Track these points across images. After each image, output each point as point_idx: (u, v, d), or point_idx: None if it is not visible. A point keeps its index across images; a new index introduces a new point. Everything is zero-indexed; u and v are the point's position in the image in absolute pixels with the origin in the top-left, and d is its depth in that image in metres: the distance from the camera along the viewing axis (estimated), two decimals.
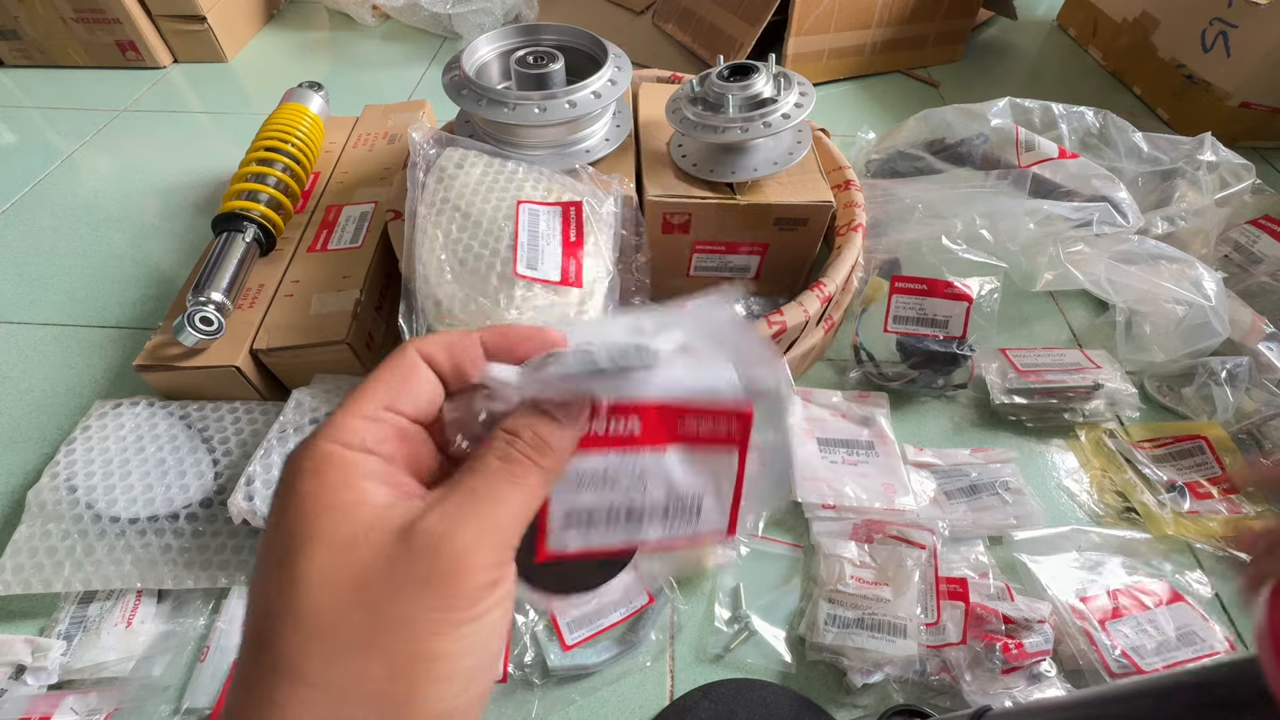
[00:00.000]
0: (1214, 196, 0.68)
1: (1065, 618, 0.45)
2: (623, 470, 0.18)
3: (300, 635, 0.14)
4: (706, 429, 0.19)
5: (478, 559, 0.15)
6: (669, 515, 0.19)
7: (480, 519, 0.15)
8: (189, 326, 0.49)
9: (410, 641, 0.14)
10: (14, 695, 0.40)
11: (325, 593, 0.14)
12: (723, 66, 0.55)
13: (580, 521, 0.18)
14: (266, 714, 0.14)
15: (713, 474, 0.19)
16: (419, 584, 0.14)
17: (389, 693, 0.14)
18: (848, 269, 0.55)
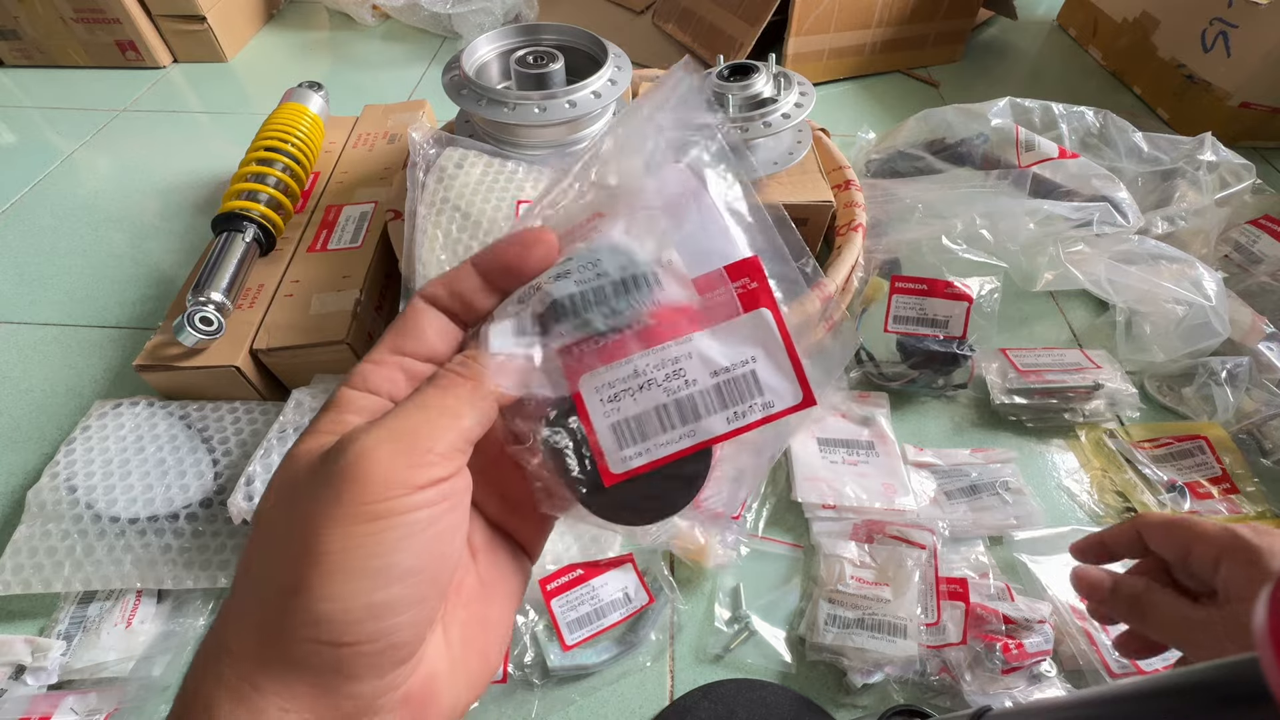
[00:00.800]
0: (1214, 196, 0.68)
1: (1065, 618, 0.45)
2: (652, 366, 0.17)
3: (252, 537, 0.16)
4: (719, 297, 0.18)
5: (380, 457, 0.15)
6: (725, 399, 0.18)
7: (393, 425, 0.16)
8: (189, 326, 0.49)
9: (309, 534, 0.15)
10: (14, 695, 0.40)
11: (271, 498, 0.16)
12: (723, 66, 0.55)
13: (632, 433, 0.18)
14: (222, 605, 0.17)
15: (753, 341, 0.18)
16: (322, 482, 0.15)
17: (282, 582, 0.15)
18: (848, 269, 0.55)
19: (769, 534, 0.51)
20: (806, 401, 0.18)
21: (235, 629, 0.15)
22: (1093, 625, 0.44)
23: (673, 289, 0.18)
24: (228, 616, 0.16)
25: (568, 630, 0.44)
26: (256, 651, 0.15)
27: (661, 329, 0.18)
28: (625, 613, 0.45)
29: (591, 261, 0.18)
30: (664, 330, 0.18)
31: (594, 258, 0.18)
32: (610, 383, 0.17)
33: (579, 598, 0.45)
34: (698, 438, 0.18)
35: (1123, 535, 0.31)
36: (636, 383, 0.17)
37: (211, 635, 0.16)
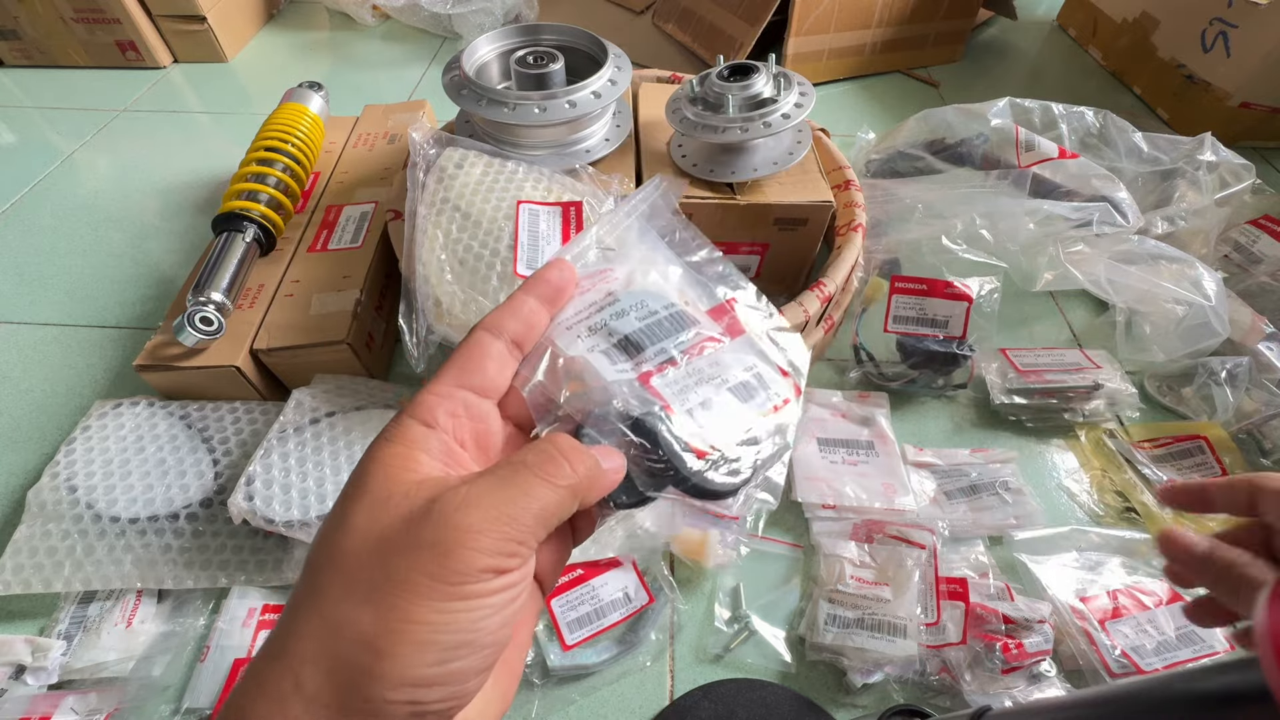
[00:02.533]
0: (1214, 196, 0.68)
1: (1065, 618, 0.45)
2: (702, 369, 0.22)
3: (329, 570, 0.16)
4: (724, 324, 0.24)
5: (482, 540, 0.16)
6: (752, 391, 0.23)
7: (497, 504, 0.16)
8: (189, 326, 0.49)
9: (401, 599, 0.15)
10: (14, 695, 0.40)
11: (355, 538, 0.16)
12: (723, 66, 0.55)
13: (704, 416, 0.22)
14: (286, 628, 0.16)
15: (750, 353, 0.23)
16: (421, 549, 0.16)
17: (372, 642, 0.15)
18: (848, 269, 0.55)
19: (769, 534, 0.51)
20: (797, 392, 0.24)
21: (311, 671, 0.15)
22: (1093, 625, 0.44)
23: (701, 318, 0.24)
24: (299, 650, 0.16)
25: (568, 630, 0.44)
26: (333, 700, 0.15)
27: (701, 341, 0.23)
28: (625, 613, 0.45)
29: (638, 303, 0.23)
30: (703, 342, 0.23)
31: (638, 299, 0.23)
32: (676, 380, 0.22)
33: (579, 598, 0.45)
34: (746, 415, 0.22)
35: (1232, 490, 0.28)
36: (694, 379, 0.22)
37: (273, 662, 0.16)
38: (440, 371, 0.19)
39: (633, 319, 0.22)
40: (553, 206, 0.50)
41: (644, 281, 0.24)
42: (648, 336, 0.22)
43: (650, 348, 0.22)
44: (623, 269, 0.24)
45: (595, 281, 0.23)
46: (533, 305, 0.21)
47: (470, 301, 0.46)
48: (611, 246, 0.25)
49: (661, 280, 0.24)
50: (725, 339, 0.23)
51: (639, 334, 0.22)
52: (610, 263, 0.24)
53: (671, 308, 0.23)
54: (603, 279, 0.24)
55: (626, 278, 0.24)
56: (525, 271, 0.46)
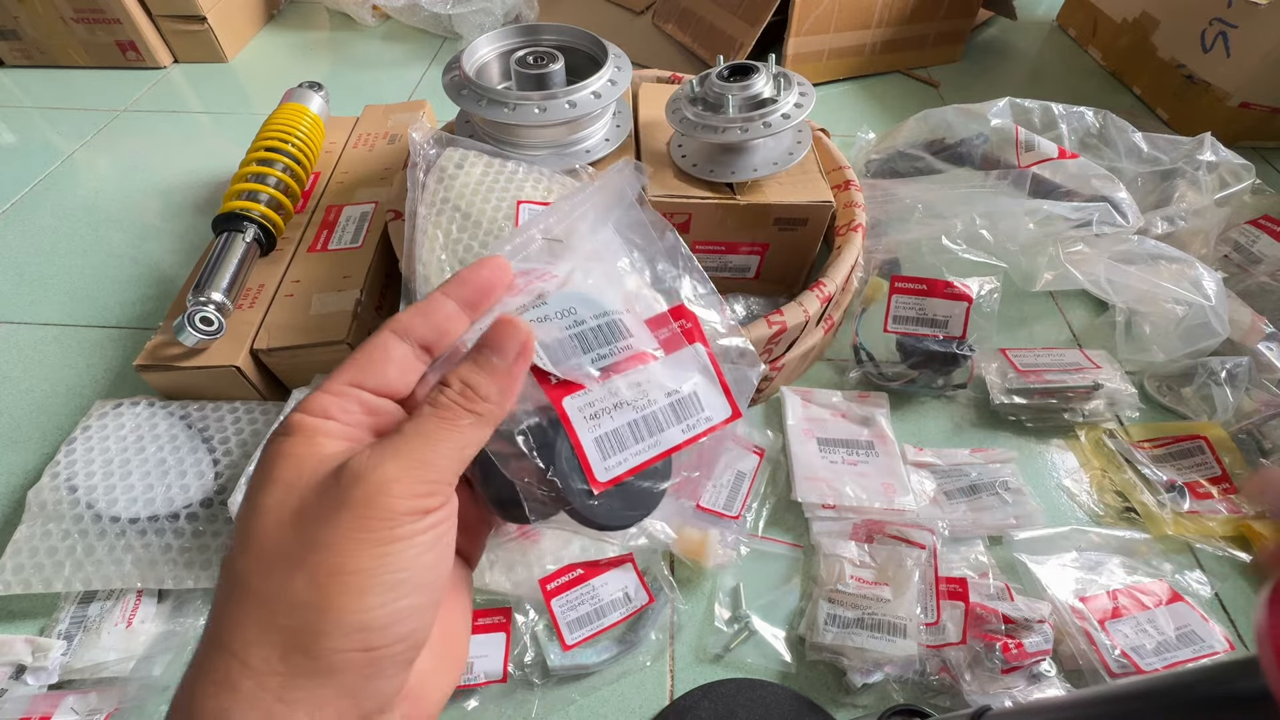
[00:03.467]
0: (1214, 196, 0.68)
1: (1065, 618, 0.45)
2: (622, 390, 0.21)
3: (249, 556, 0.17)
4: (665, 335, 0.22)
5: (399, 487, 0.17)
6: (679, 414, 0.22)
7: (404, 454, 0.17)
8: (189, 326, 0.49)
9: (330, 557, 0.16)
10: (14, 695, 0.40)
11: (270, 520, 0.17)
12: (722, 67, 0.55)
13: (612, 446, 0.21)
14: (219, 621, 0.16)
15: (691, 368, 0.22)
16: (341, 508, 0.16)
17: (308, 600, 0.16)
18: (848, 269, 0.55)
19: (769, 534, 0.51)
20: (734, 414, 0.23)
21: (255, 646, 0.16)
22: (1092, 625, 0.44)
23: (635, 329, 0.22)
24: (239, 634, 0.16)
25: (568, 630, 0.44)
26: (282, 666, 0.16)
27: (627, 359, 0.22)
28: (625, 612, 0.45)
29: (567, 309, 0.21)
30: (629, 360, 0.22)
31: (568, 305, 0.21)
32: (590, 403, 0.21)
33: (579, 597, 0.45)
34: (662, 447, 0.21)
35: None
36: (612, 402, 0.21)
37: (213, 652, 0.16)
38: (336, 370, 0.19)
39: (555, 327, 0.21)
40: None
41: (584, 281, 0.22)
42: (566, 350, 0.21)
43: (567, 362, 0.21)
44: (565, 265, 0.22)
45: (530, 279, 0.22)
46: (450, 310, 0.20)
47: None
48: (559, 238, 0.23)
49: (605, 281, 0.22)
50: (660, 354, 0.22)
51: (558, 345, 0.21)
52: (556, 257, 0.22)
53: (604, 317, 0.21)
54: (538, 277, 0.22)
55: (566, 275, 0.22)
56: None
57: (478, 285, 0.20)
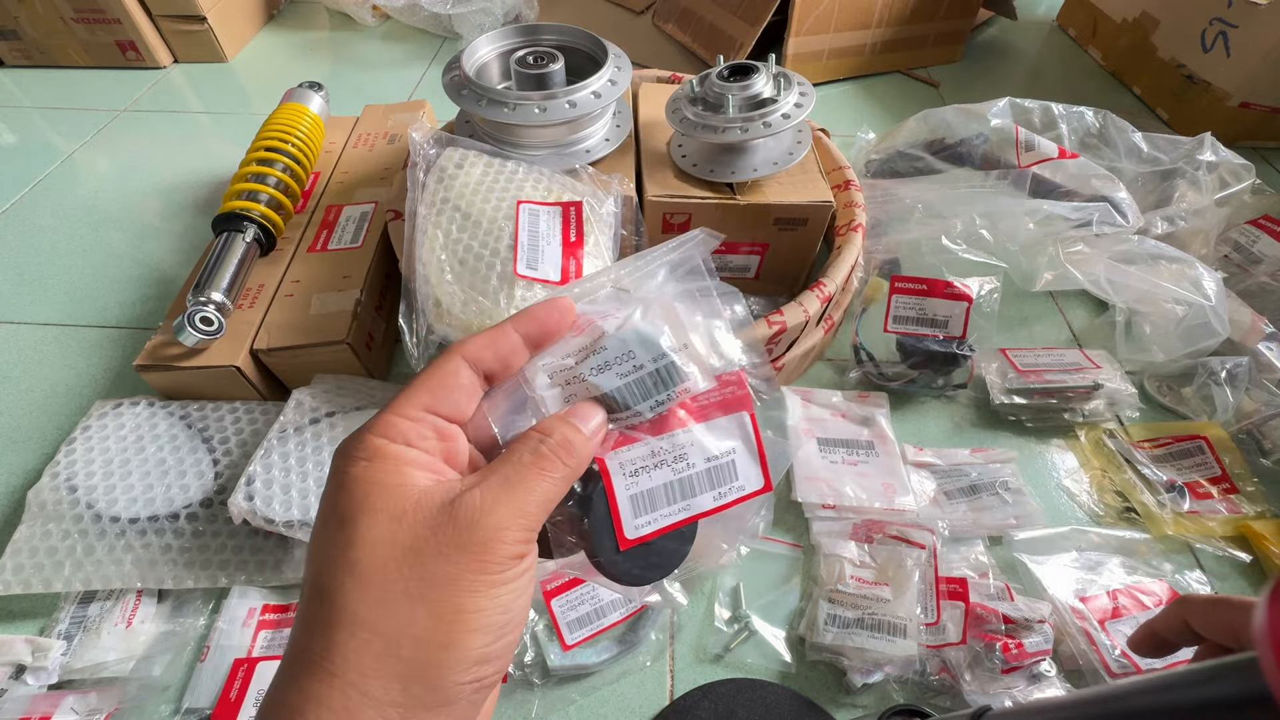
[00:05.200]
0: (1214, 196, 0.68)
1: (1065, 618, 0.45)
2: (664, 451, 0.21)
3: (358, 587, 0.17)
4: (715, 401, 0.22)
5: (509, 534, 0.18)
6: (714, 481, 0.22)
7: (513, 501, 0.18)
8: (189, 326, 0.49)
9: (453, 596, 0.17)
10: (14, 695, 0.40)
11: (379, 553, 0.17)
12: (723, 66, 0.55)
13: (645, 506, 0.21)
14: (329, 651, 0.17)
15: (734, 436, 0.22)
16: (460, 549, 0.17)
17: (433, 638, 0.17)
18: (848, 269, 0.55)
19: (769, 534, 0.51)
20: (766, 487, 0.23)
21: (375, 679, 0.16)
22: (1092, 625, 0.44)
23: (691, 372, 0.22)
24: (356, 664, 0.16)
25: (568, 630, 0.44)
26: (404, 698, 0.16)
27: (670, 417, 0.22)
28: (625, 612, 0.45)
29: (625, 354, 0.21)
30: (672, 418, 0.22)
31: (626, 349, 0.21)
32: (632, 460, 0.21)
33: (579, 597, 0.45)
34: (692, 511, 0.22)
35: (1172, 622, 0.29)
36: (653, 461, 0.21)
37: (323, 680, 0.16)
38: (408, 392, 0.20)
39: (614, 375, 0.21)
40: (553, 206, 0.50)
41: (642, 320, 0.22)
42: (624, 396, 0.21)
43: (624, 412, 0.21)
44: (626, 311, 0.22)
45: (592, 320, 0.22)
46: (515, 343, 0.21)
47: (470, 301, 0.46)
48: (626, 289, 0.23)
49: (664, 322, 0.22)
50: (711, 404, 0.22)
51: (617, 394, 0.21)
52: (619, 303, 0.23)
53: (662, 359, 0.21)
54: (600, 317, 0.22)
55: (626, 318, 0.22)
56: (525, 271, 0.46)
57: (544, 324, 0.21)
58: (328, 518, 0.18)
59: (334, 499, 0.18)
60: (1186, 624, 0.28)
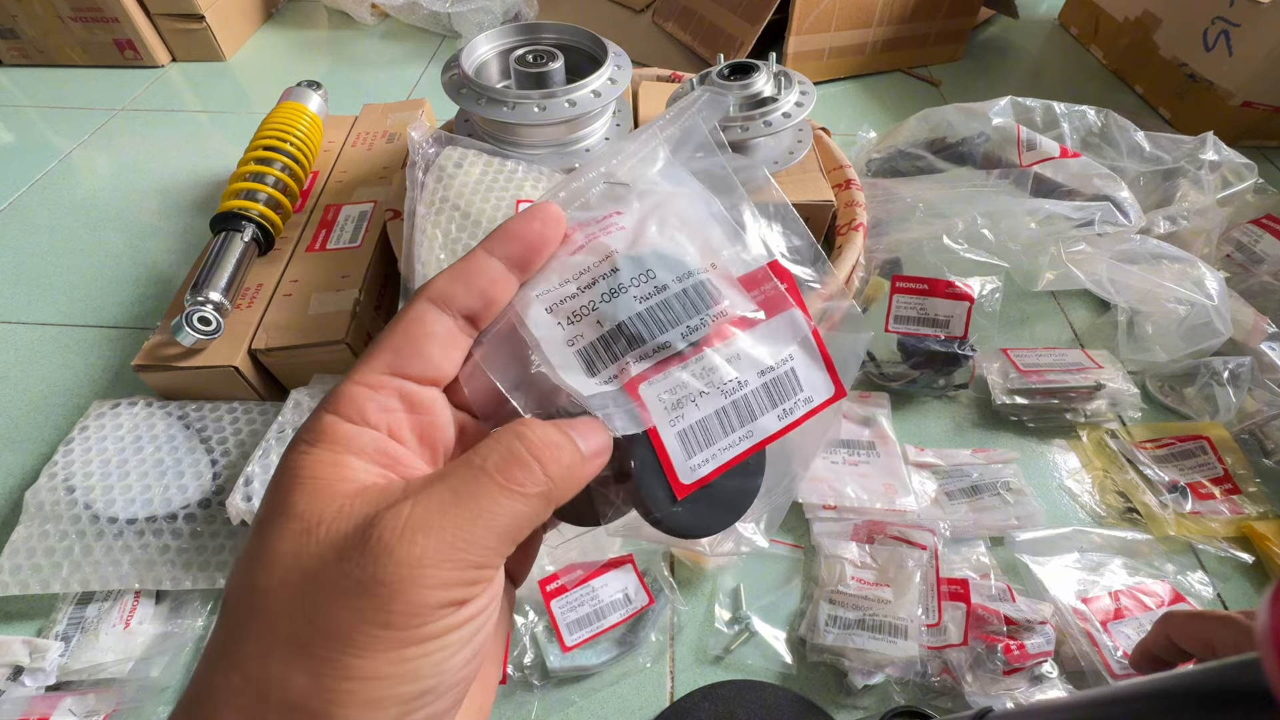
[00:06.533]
0: (1216, 196, 0.68)
1: (1067, 619, 0.45)
2: (709, 371, 0.17)
3: (248, 615, 0.13)
4: (760, 297, 0.18)
5: (433, 572, 0.13)
6: (775, 396, 0.18)
7: (448, 527, 0.13)
8: (187, 326, 0.49)
9: (339, 654, 0.12)
10: (12, 696, 0.40)
11: (277, 573, 0.13)
12: (723, 65, 0.55)
13: (698, 440, 0.17)
14: (208, 683, 0.13)
15: (787, 338, 0.18)
16: (360, 589, 0.13)
17: (305, 703, 0.12)
18: (849, 268, 0.55)
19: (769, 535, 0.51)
20: (839, 394, 0.19)
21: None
22: (1094, 626, 0.44)
23: (729, 290, 0.18)
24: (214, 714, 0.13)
25: (567, 631, 0.44)
26: None
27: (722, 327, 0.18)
28: (625, 614, 0.45)
29: (644, 273, 0.17)
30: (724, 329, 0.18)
31: (644, 268, 0.17)
32: (672, 388, 0.17)
33: (579, 599, 0.45)
34: (756, 438, 0.18)
35: (1159, 639, 0.30)
36: (700, 386, 0.17)
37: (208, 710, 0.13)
38: (369, 353, 0.15)
39: (632, 297, 0.17)
40: None
41: (658, 235, 0.18)
42: (649, 325, 0.17)
43: (650, 341, 0.17)
44: (633, 214, 0.18)
45: (593, 233, 0.18)
46: (495, 270, 0.16)
47: None
48: (624, 181, 0.19)
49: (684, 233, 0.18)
50: (760, 316, 0.18)
51: (636, 322, 0.17)
52: (619, 203, 0.18)
53: (689, 277, 0.18)
54: (603, 229, 0.18)
55: (636, 227, 0.18)
56: None
57: (528, 240, 0.16)
58: (258, 516, 0.14)
59: (268, 492, 0.14)
60: (1171, 640, 0.29)
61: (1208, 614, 0.28)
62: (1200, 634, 0.28)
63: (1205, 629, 0.28)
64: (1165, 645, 0.29)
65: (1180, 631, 0.28)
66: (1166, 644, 0.29)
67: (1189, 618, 0.29)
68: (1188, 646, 0.28)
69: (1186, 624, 0.28)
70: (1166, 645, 0.29)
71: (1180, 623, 0.29)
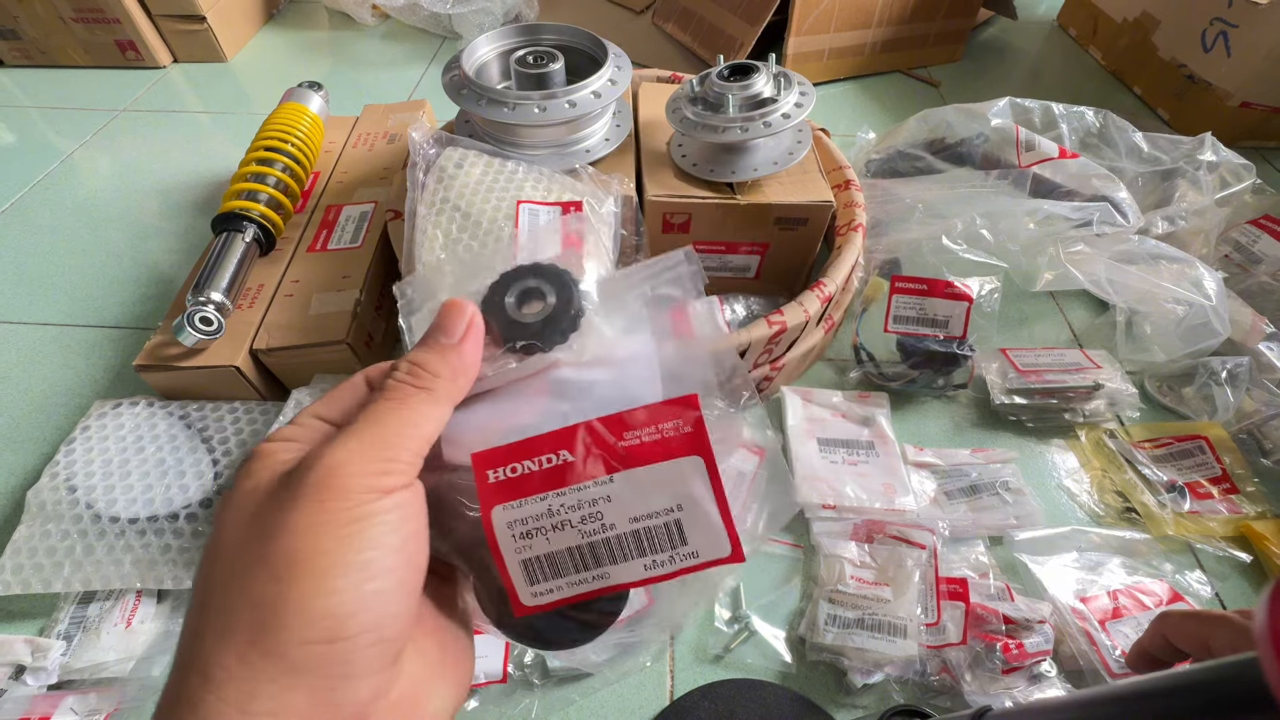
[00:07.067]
0: (1214, 196, 0.68)
1: (1065, 618, 0.45)
2: (567, 507, 0.17)
3: (209, 570, 0.16)
4: (653, 440, 0.17)
5: (352, 467, 0.16)
6: (645, 546, 0.17)
7: (356, 437, 0.17)
8: (188, 326, 0.49)
9: (287, 542, 0.15)
10: (14, 695, 0.40)
11: (227, 532, 0.16)
12: (723, 66, 0.55)
13: (544, 572, 0.17)
14: (185, 640, 0.16)
15: (677, 488, 0.17)
16: (296, 497, 0.16)
17: (266, 594, 0.15)
18: (848, 269, 0.55)
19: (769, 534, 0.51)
20: (734, 557, 0.17)
21: (214, 656, 0.15)
22: (1093, 625, 0.44)
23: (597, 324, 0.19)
24: (199, 649, 0.15)
25: None
26: (242, 671, 0.14)
27: (583, 461, 0.17)
28: (626, 614, 0.45)
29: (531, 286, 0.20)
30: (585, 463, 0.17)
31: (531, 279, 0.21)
32: (524, 519, 0.17)
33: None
34: (609, 581, 0.17)
35: (1156, 639, 0.30)
36: (552, 522, 0.17)
37: (177, 674, 0.15)
38: (303, 409, 0.20)
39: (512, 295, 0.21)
40: (553, 206, 0.50)
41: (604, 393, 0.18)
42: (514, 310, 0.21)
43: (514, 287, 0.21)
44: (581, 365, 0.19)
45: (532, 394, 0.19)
46: None
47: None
48: None
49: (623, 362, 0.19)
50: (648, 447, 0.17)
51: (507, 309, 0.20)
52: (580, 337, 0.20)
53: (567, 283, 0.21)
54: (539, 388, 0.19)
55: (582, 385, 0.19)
56: None
57: None
58: None
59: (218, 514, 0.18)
60: (1168, 640, 0.29)
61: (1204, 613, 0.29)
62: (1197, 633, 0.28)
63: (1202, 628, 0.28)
64: (1162, 645, 0.29)
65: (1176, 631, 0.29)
66: (1163, 643, 0.29)
67: (1185, 617, 0.29)
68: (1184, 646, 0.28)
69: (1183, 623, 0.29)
70: (1163, 645, 0.29)
71: (1176, 622, 0.29)
